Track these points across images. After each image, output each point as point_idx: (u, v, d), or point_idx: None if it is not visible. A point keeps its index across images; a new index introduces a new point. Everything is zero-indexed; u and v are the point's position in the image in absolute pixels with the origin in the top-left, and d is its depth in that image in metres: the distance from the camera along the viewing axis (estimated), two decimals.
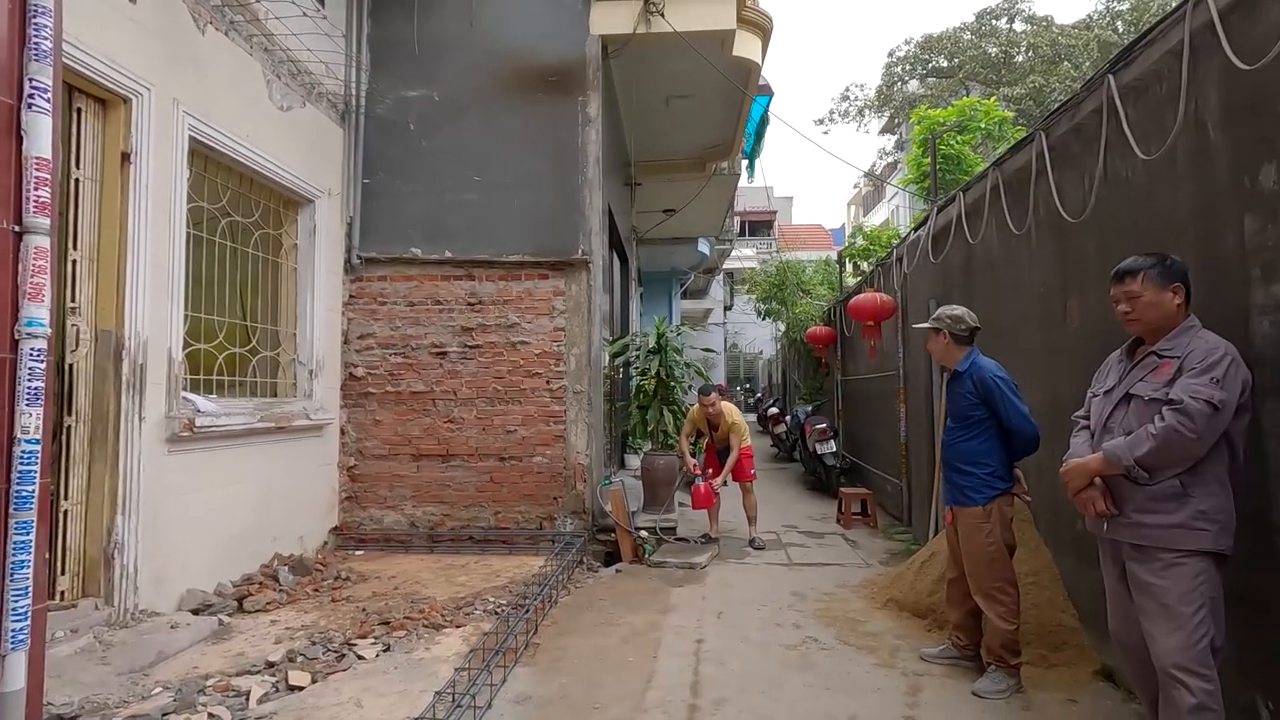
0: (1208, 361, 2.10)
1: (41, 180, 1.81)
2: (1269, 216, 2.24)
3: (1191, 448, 2.08)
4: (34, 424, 1.77)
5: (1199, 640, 2.07)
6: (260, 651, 3.51)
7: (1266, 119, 2.24)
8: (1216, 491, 2.12)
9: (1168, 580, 2.14)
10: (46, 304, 1.81)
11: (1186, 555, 2.11)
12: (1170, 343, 2.23)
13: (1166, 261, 2.28)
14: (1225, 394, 2.05)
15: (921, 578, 4.14)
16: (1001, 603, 3.14)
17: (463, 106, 6.15)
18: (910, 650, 3.55)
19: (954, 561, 3.40)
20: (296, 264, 5.55)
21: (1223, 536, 2.12)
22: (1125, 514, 2.25)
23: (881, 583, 4.57)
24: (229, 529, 4.47)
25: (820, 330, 10.03)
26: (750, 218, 29.73)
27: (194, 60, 4.23)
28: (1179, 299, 2.24)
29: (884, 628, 3.88)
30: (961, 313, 3.41)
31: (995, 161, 4.30)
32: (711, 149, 9.66)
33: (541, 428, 5.96)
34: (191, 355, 4.40)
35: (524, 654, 3.51)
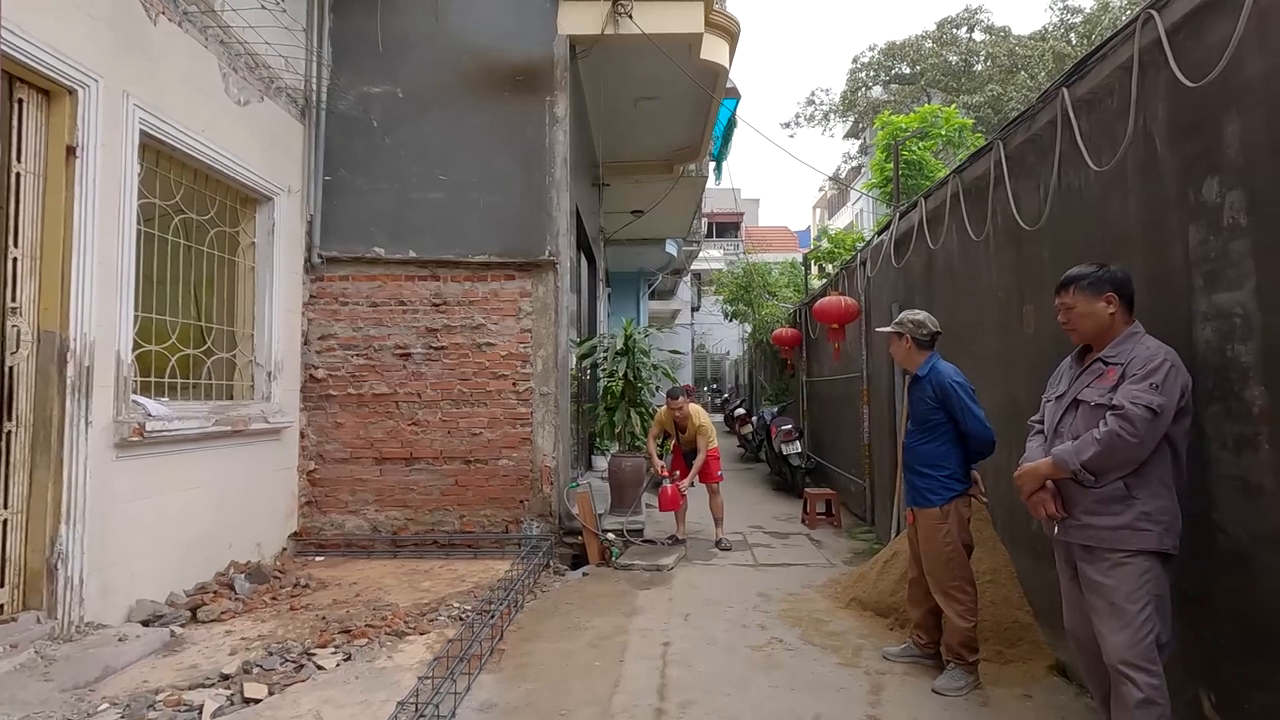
0: (1148, 368, 2.18)
1: None
2: (1211, 228, 2.33)
3: (1133, 451, 2.16)
4: None
5: (1144, 637, 2.15)
6: (214, 663, 3.40)
7: (1210, 134, 2.34)
8: (1160, 493, 2.20)
9: (1114, 579, 2.22)
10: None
11: (1132, 555, 2.19)
12: (1115, 349, 2.31)
13: (1099, 273, 2.36)
14: (1164, 399, 2.13)
15: (884, 577, 4.21)
16: (960, 601, 3.21)
17: (428, 104, 6.06)
18: (873, 649, 3.60)
19: (914, 561, 3.47)
20: (254, 263, 5.40)
21: (1167, 536, 2.19)
22: (1074, 516, 2.33)
23: (845, 582, 4.64)
24: (182, 536, 4.33)
25: (786, 332, 10.15)
26: (717, 219, 29.98)
27: (145, 51, 4.08)
28: (1112, 308, 2.32)
29: (848, 627, 3.94)
30: (923, 318, 3.48)
31: (956, 169, 4.39)
32: (679, 151, 9.70)
33: (508, 430, 5.91)
34: (142, 357, 4.24)
35: (489, 660, 3.47)
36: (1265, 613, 2.13)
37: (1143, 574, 2.18)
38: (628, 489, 6.31)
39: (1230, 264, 2.25)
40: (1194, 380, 2.38)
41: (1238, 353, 2.23)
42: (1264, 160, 2.12)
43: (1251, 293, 2.17)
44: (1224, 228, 2.28)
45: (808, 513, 6.90)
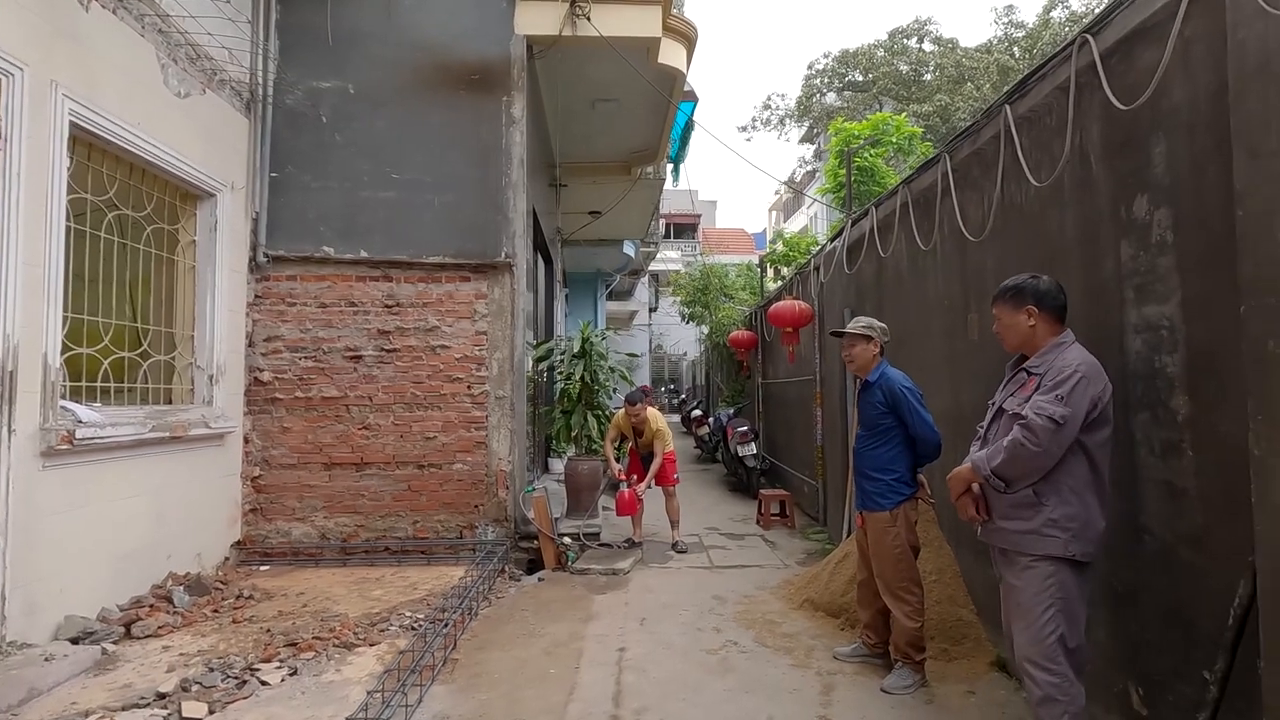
0: (1056, 380, 2.26)
1: None
2: (1141, 244, 2.45)
3: (1037, 460, 2.23)
4: None
5: (1046, 637, 2.24)
6: (150, 681, 3.25)
7: (1139, 155, 2.45)
8: (1070, 500, 2.26)
9: (1022, 581, 2.33)
10: None
11: (1038, 559, 2.28)
12: (1038, 360, 2.40)
13: (1020, 285, 2.46)
14: (1068, 410, 2.19)
15: (835, 578, 4.29)
16: (908, 602, 3.30)
17: (380, 101, 5.92)
18: (825, 650, 3.68)
19: (863, 563, 3.55)
20: (195, 261, 5.19)
21: (1074, 543, 2.24)
22: (994, 520, 2.43)
23: (798, 583, 4.71)
24: (116, 549, 4.13)
25: (742, 335, 10.27)
26: (675, 220, 30.13)
27: (76, 39, 3.88)
28: (1032, 321, 2.41)
29: (800, 628, 4.00)
30: (885, 326, 3.60)
31: (905, 180, 4.51)
32: (637, 153, 9.71)
33: (462, 434, 5.82)
34: (73, 360, 4.04)
35: (442, 671, 3.41)
36: (1187, 609, 2.25)
37: (1047, 578, 2.25)
38: (584, 492, 6.29)
39: (1158, 278, 2.37)
40: (1125, 389, 2.50)
41: (1164, 363, 2.34)
42: (1187, 181, 2.23)
43: (1177, 306, 2.28)
44: (1152, 244, 2.39)
45: (762, 514, 6.99)
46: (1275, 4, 1.69)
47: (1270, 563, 1.77)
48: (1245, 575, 1.95)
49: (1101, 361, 2.35)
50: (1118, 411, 2.43)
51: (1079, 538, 2.24)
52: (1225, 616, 2.03)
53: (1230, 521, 2.04)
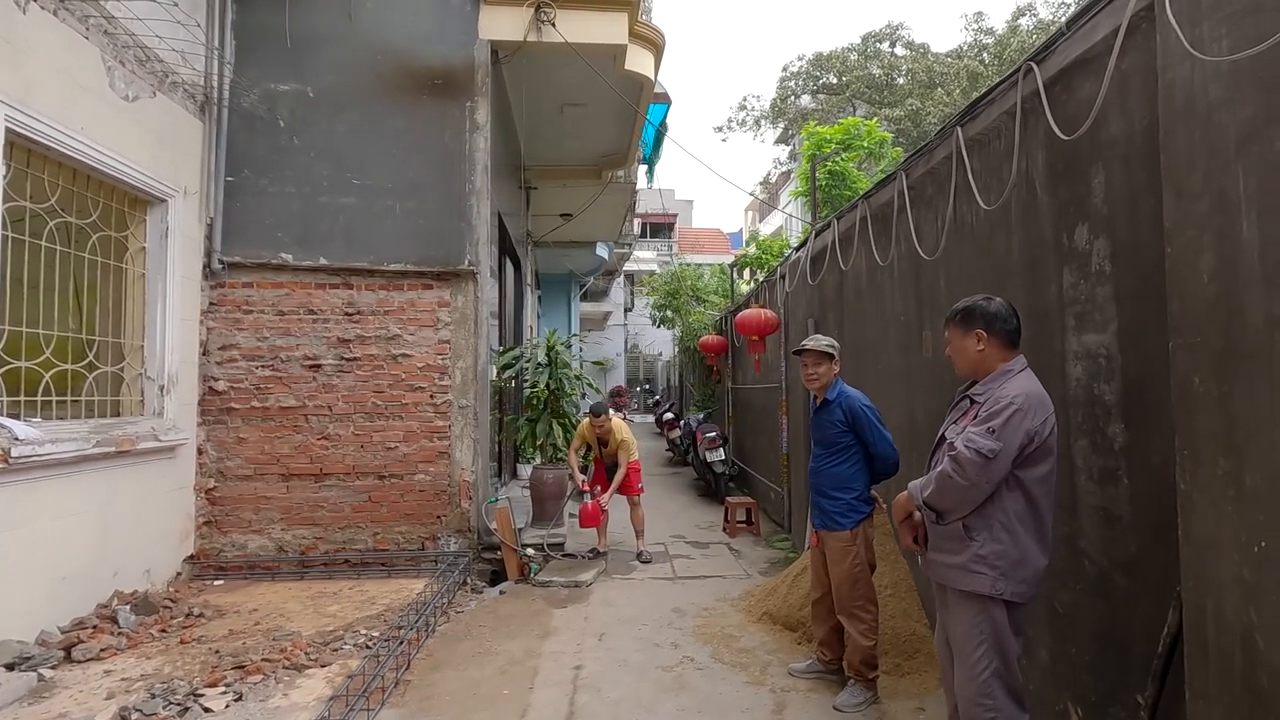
0: (990, 411, 2.18)
1: None
2: (1081, 272, 2.48)
3: (965, 494, 2.16)
4: None
5: (980, 674, 2.18)
6: (87, 709, 3.15)
7: (1080, 184, 2.49)
8: (1000, 538, 2.16)
9: (953, 616, 2.30)
10: None
11: (965, 595, 2.23)
12: (983, 388, 2.33)
13: (968, 308, 2.36)
14: (998, 444, 2.10)
15: (794, 591, 4.31)
16: (863, 620, 3.32)
17: (340, 104, 5.81)
18: (780, 665, 3.69)
19: (818, 581, 3.57)
20: (145, 269, 5.05)
21: (1003, 582, 2.14)
22: (929, 551, 2.39)
23: (758, 595, 4.73)
24: (57, 568, 4.00)
25: (712, 339, 10.28)
26: (651, 220, 30.09)
27: (11, 42, 3.74)
28: (980, 345, 2.31)
29: (757, 643, 4.01)
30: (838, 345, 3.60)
31: (864, 194, 4.54)
32: (606, 158, 9.68)
33: (424, 444, 5.75)
34: (11, 374, 3.90)
35: (393, 693, 3.36)
36: (1121, 634, 2.29)
37: (976, 614, 2.19)
38: (549, 501, 6.25)
39: (1096, 307, 2.40)
40: (1066, 414, 2.53)
41: (1102, 391, 2.38)
42: (1123, 212, 2.27)
43: (1114, 335, 2.32)
44: (1092, 272, 2.43)
45: (728, 521, 7.01)
46: (1200, 49, 1.72)
47: (1194, 596, 1.80)
48: (1174, 605, 1.98)
49: (1046, 387, 2.28)
50: (1060, 436, 2.40)
51: (1008, 576, 2.15)
52: (1157, 643, 2.07)
53: (1162, 550, 2.08)
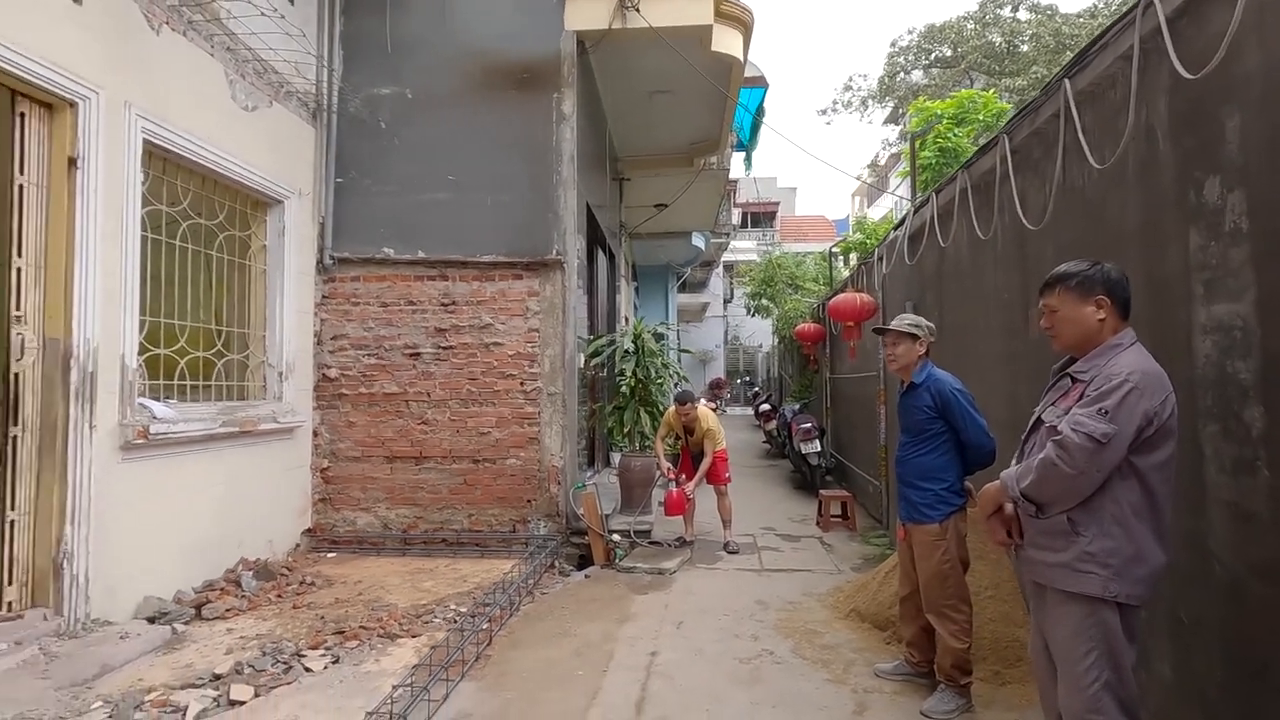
0: (1101, 390, 1.91)
1: None
2: (1212, 232, 2.15)
3: (1072, 484, 1.92)
4: None
5: (1088, 685, 1.91)
6: (209, 662, 3.48)
7: (1211, 129, 2.15)
8: (1112, 533, 1.91)
9: (1055, 620, 2.03)
10: None
11: (1070, 597, 1.97)
12: (1087, 364, 2.05)
13: (1088, 271, 2.06)
14: (1112, 427, 1.86)
15: (885, 588, 4.07)
16: (954, 620, 3.07)
17: (435, 104, 6.07)
18: (865, 665, 3.49)
19: (905, 578, 3.34)
20: (266, 265, 5.50)
21: (1115, 583, 1.90)
22: (1025, 548, 2.13)
23: (849, 591, 4.51)
24: (190, 535, 4.45)
25: (809, 327, 9.94)
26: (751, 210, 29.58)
27: (148, 62, 4.17)
28: (1102, 314, 2.02)
29: (842, 640, 3.82)
30: (931, 324, 3.36)
31: (964, 164, 4.20)
32: (698, 144, 9.55)
33: (515, 429, 5.92)
34: (152, 360, 4.36)
35: (473, 667, 3.47)
36: (1259, 646, 1.97)
37: (1084, 619, 1.94)
38: (636, 489, 6.27)
39: (1230, 272, 2.07)
40: (1192, 396, 2.21)
41: (1237, 369, 2.05)
42: (1261, 160, 1.93)
43: (1252, 305, 1.99)
44: (1224, 232, 2.09)
45: (822, 514, 6.75)
46: None
47: None
48: None
49: (1166, 365, 1.99)
50: (1184, 421, 2.10)
51: (1121, 576, 1.89)
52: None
53: None
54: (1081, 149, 2.76)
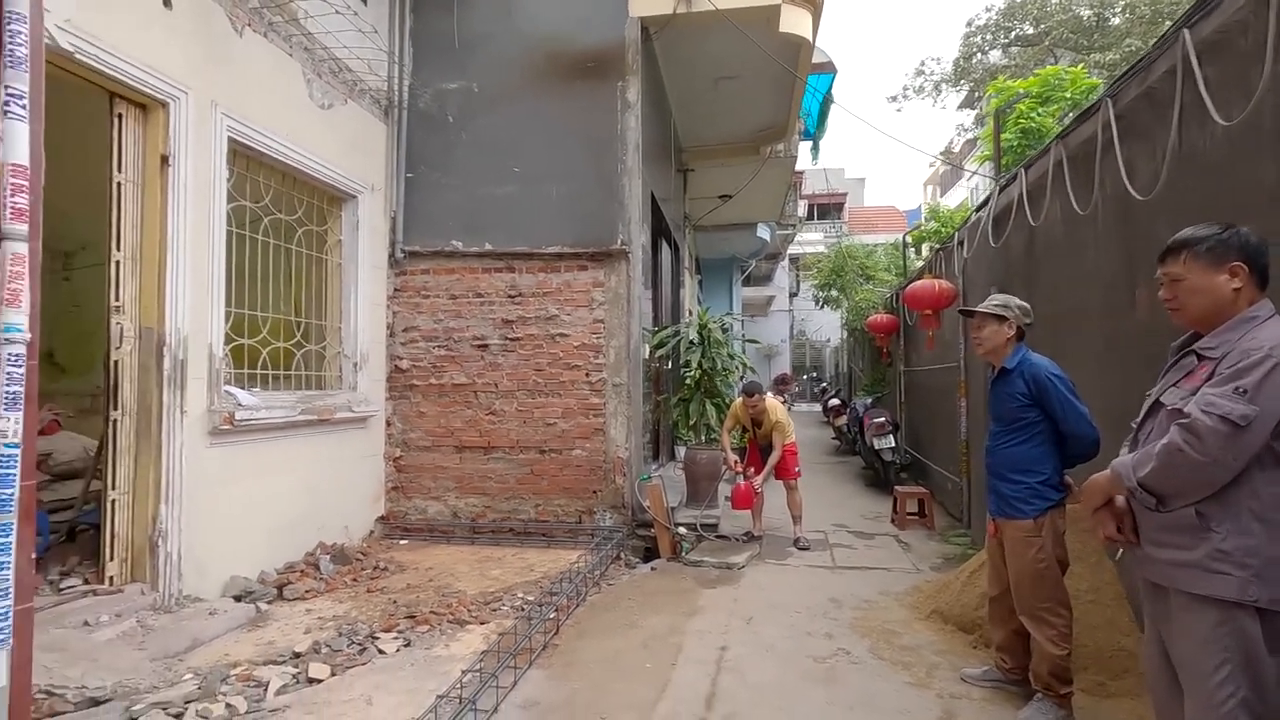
0: (1239, 367, 1.68)
1: (18, 187, 1.83)
2: None
3: (1203, 473, 1.69)
4: (13, 429, 1.80)
5: (1222, 702, 1.67)
6: (289, 641, 3.59)
7: None
8: (1251, 529, 1.67)
9: (1181, 627, 1.79)
10: (24, 309, 1.84)
11: (1200, 601, 1.73)
12: (1216, 339, 1.80)
13: (1221, 236, 1.82)
14: (1252, 408, 1.63)
15: (970, 588, 3.83)
16: (1051, 625, 2.84)
17: (501, 97, 6.12)
18: (950, 669, 3.28)
19: (996, 577, 3.11)
20: (341, 259, 5.67)
21: (1256, 585, 1.66)
22: (1142, 544, 1.90)
23: (929, 591, 4.28)
24: (272, 518, 4.62)
25: (881, 318, 9.56)
26: (818, 201, 28.89)
27: (232, 62, 4.33)
28: (1237, 283, 1.78)
29: (924, 641, 3.61)
30: (1027, 305, 3.12)
31: (1060, 134, 3.89)
32: (765, 131, 9.32)
33: (581, 420, 5.91)
34: (237, 350, 4.55)
35: (541, 655, 3.45)
36: None
37: (1216, 626, 1.70)
38: (703, 482, 6.16)
39: None
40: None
41: None
42: None
43: None
44: None
45: (898, 512, 6.46)
46: None
47: None
48: None
49: None
50: None
51: (1263, 578, 1.65)
52: None
53: None
54: (1203, 107, 2.48)
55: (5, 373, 1.79)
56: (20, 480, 1.81)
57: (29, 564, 1.88)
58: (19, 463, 1.81)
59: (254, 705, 2.89)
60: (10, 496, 1.79)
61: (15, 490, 1.80)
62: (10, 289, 1.81)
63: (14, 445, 1.80)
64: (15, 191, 1.82)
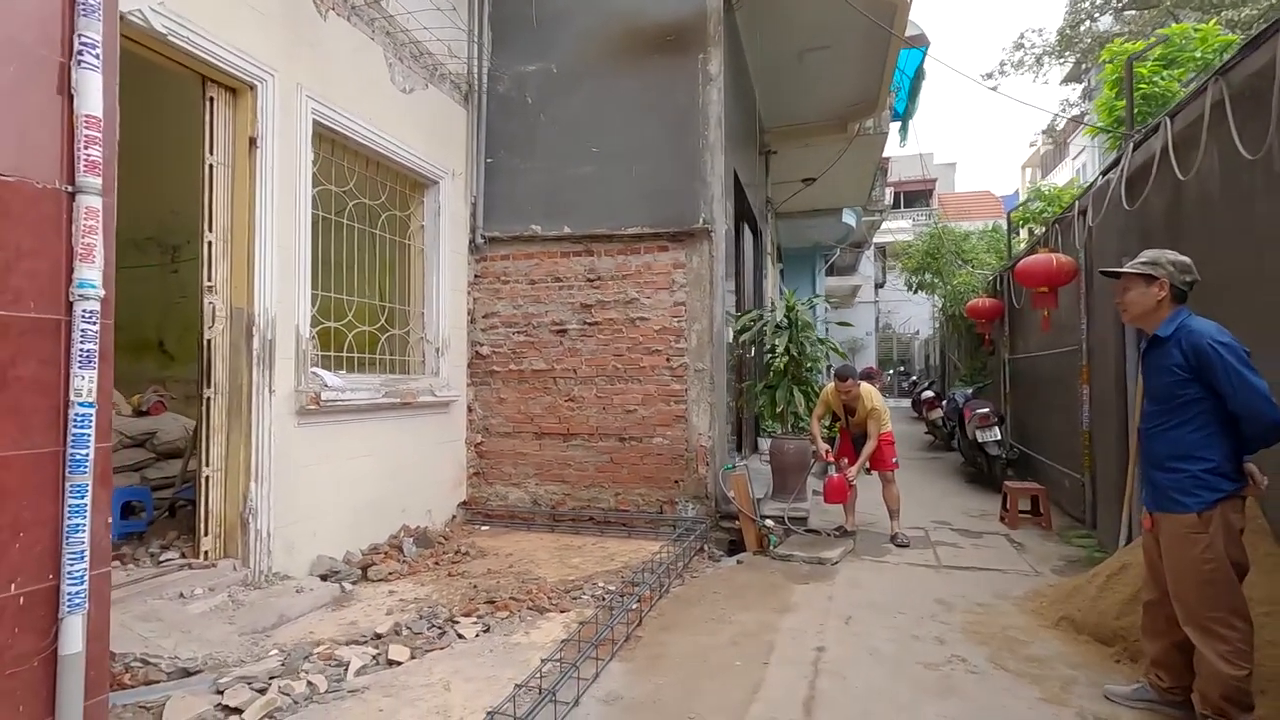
0: None
1: (92, 139, 1.78)
2: None
3: None
4: (86, 387, 1.74)
5: None
6: (371, 622, 3.56)
7: None
8: None
9: None
10: (99, 265, 1.78)
11: None
12: None
13: None
14: None
15: (1107, 594, 3.36)
16: (1224, 639, 2.39)
17: (579, 76, 5.98)
18: (1090, 685, 2.86)
19: (1152, 580, 2.67)
20: (423, 245, 5.68)
21: None
22: None
23: (1054, 596, 3.81)
24: (357, 499, 4.65)
25: (983, 303, 8.85)
26: (906, 188, 27.61)
27: (316, 46, 4.36)
28: None
29: (1054, 652, 3.18)
30: (1187, 261, 2.66)
31: (1219, 69, 3.34)
32: (853, 106, 8.81)
33: (661, 407, 5.70)
34: (324, 333, 4.60)
35: (623, 647, 3.26)
36: None
37: None
38: (790, 473, 5.82)
39: None
40: None
41: None
42: None
43: None
44: None
45: (1008, 510, 5.91)
46: None
47: None
48: None
49: None
50: None
51: None
52: None
53: None
54: None
55: (80, 330, 1.74)
56: (95, 442, 1.76)
57: (105, 528, 1.83)
58: (94, 422, 1.75)
59: (334, 685, 2.83)
60: (85, 457, 1.73)
61: (90, 451, 1.74)
62: (85, 244, 1.75)
63: (88, 404, 1.74)
64: (89, 144, 1.77)
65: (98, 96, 1.79)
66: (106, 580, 1.84)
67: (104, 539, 1.82)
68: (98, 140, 1.78)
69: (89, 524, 1.74)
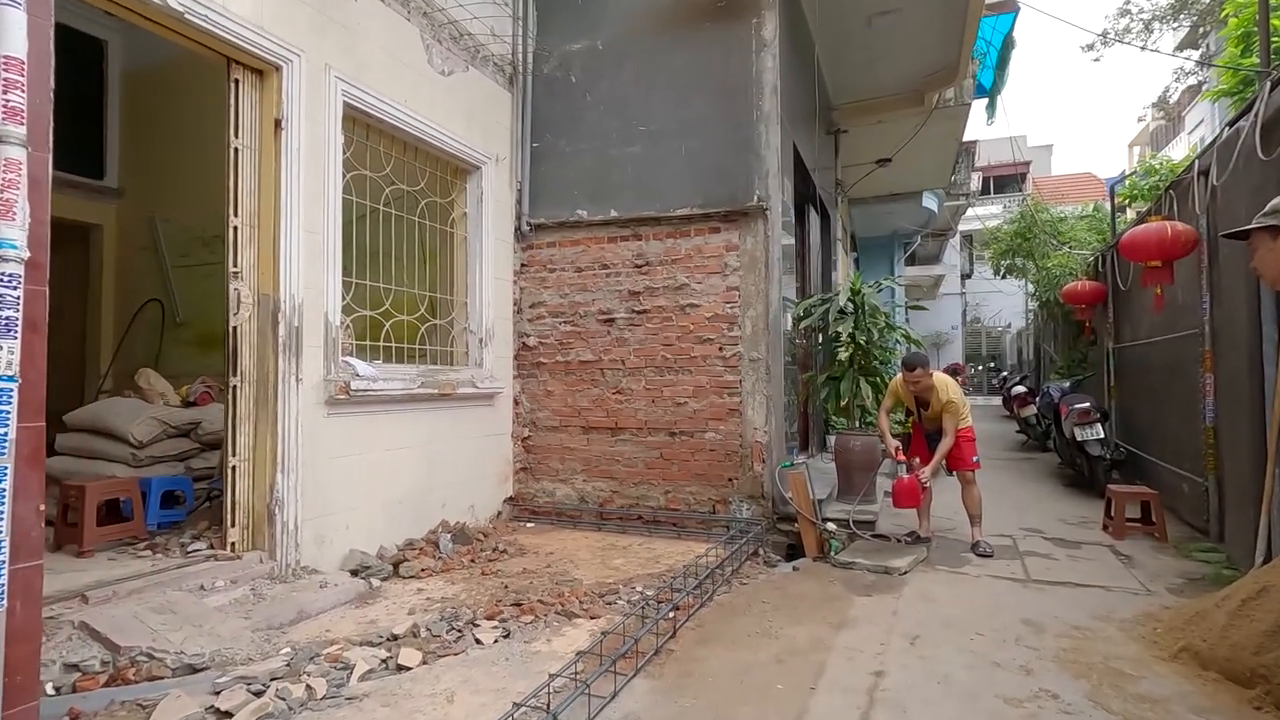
0: None
1: (12, 83, 1.60)
2: None
3: None
4: (4, 358, 1.56)
5: None
6: (391, 621, 3.37)
7: None
8: None
9: None
10: (20, 223, 1.60)
11: None
12: None
13: None
14: None
15: (1242, 622, 2.75)
16: None
17: (626, 51, 5.67)
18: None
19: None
20: (466, 233, 5.52)
21: None
22: None
23: (1171, 621, 3.20)
24: (392, 493, 4.51)
25: (1083, 286, 7.94)
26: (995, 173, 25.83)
27: (346, 26, 4.24)
28: None
29: (1171, 691, 2.61)
30: None
31: None
32: (931, 75, 8.08)
33: (714, 400, 5.32)
34: (360, 322, 4.49)
35: (651, 661, 2.92)
36: None
37: None
38: (856, 472, 5.31)
39: None
40: None
41: None
42: None
43: None
44: None
45: (1112, 517, 5.17)
46: None
47: None
48: None
49: None
50: None
51: None
52: None
53: None
54: None
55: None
56: (18, 421, 1.58)
57: (36, 517, 1.65)
58: (14, 399, 1.57)
59: (333, 690, 2.63)
60: (3, 437, 1.55)
61: (10, 430, 1.56)
62: (3, 199, 1.57)
63: (8, 378, 1.56)
64: (9, 88, 1.59)
65: (19, 36, 1.61)
66: (37, 574, 1.66)
67: (33, 527, 1.65)
68: (19, 85, 1.61)
69: (8, 512, 1.56)
